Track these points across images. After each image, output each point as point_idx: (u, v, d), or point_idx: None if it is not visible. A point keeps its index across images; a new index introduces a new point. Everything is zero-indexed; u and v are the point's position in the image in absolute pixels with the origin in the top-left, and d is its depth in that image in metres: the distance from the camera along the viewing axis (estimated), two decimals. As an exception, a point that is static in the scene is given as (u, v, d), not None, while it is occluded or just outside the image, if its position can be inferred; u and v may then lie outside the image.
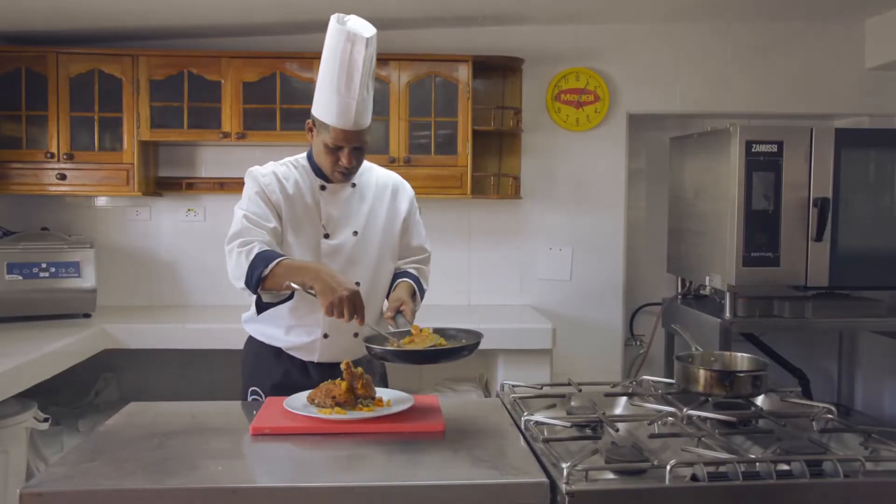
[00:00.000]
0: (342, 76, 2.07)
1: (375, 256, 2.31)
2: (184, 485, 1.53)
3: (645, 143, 4.48)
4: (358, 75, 2.06)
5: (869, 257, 3.58)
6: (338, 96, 2.09)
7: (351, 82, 2.07)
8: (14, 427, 3.07)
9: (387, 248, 2.34)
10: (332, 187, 2.27)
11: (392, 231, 2.35)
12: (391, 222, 2.35)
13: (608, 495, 1.52)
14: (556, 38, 4.19)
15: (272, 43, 4.07)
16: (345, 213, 2.28)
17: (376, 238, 2.31)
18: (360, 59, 2.06)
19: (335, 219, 2.26)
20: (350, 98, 2.08)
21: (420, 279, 2.38)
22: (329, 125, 2.13)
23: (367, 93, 2.11)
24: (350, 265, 2.26)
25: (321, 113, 2.15)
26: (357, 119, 2.11)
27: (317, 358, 2.31)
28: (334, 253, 2.25)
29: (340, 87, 2.08)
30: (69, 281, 3.71)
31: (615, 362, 4.28)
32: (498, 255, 4.28)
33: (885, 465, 1.63)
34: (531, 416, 1.86)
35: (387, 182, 2.38)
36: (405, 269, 2.40)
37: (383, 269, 2.34)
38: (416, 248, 2.44)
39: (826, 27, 4.22)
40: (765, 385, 2.02)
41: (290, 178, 2.25)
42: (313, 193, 2.26)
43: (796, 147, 3.50)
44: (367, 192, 2.32)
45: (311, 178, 2.27)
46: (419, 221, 2.44)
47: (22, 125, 3.79)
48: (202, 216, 4.19)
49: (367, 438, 1.81)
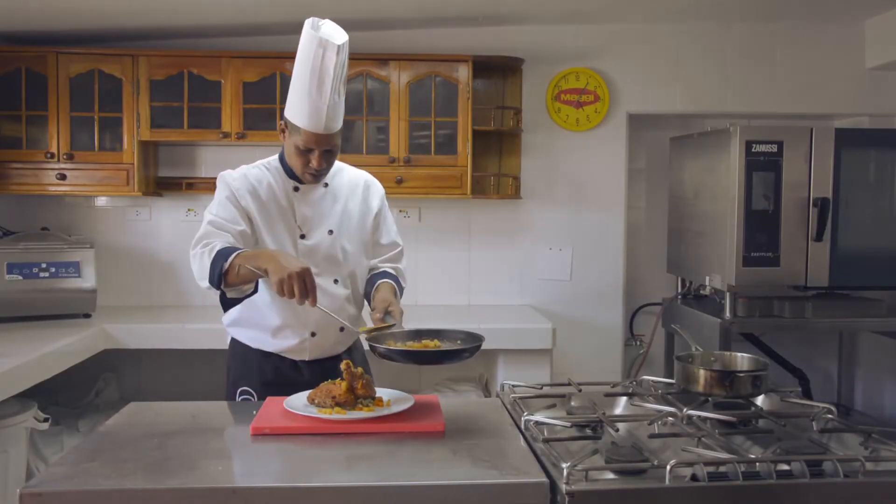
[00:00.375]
0: (314, 81, 2.09)
1: (352, 254, 2.34)
2: (184, 485, 1.53)
3: (645, 143, 4.48)
4: (329, 80, 2.09)
5: (869, 257, 3.58)
6: (309, 100, 2.11)
7: (322, 87, 2.09)
8: (14, 427, 3.07)
9: (362, 246, 2.38)
10: (304, 188, 2.30)
11: (365, 228, 2.39)
12: (364, 219, 2.38)
13: (608, 495, 1.52)
14: (556, 38, 4.19)
15: (272, 43, 4.07)
16: (319, 212, 2.30)
17: (351, 236, 2.35)
18: (332, 66, 2.08)
19: (310, 219, 2.29)
20: (321, 102, 2.11)
21: (399, 278, 2.42)
22: (300, 128, 2.15)
23: (338, 97, 2.14)
24: (327, 264, 2.29)
25: (293, 115, 2.17)
26: (328, 123, 2.14)
27: (307, 357, 2.33)
28: (311, 252, 2.28)
29: (312, 92, 2.10)
30: (69, 281, 3.71)
31: (615, 362, 4.28)
32: (498, 255, 4.28)
33: (885, 465, 1.63)
34: (531, 416, 1.86)
35: (358, 181, 2.41)
36: (383, 270, 2.43)
37: (360, 266, 2.37)
38: (389, 244, 2.46)
39: (826, 27, 4.22)
40: (765, 385, 2.02)
41: (263, 180, 2.28)
42: (287, 195, 2.29)
43: (796, 147, 3.50)
44: (339, 191, 2.35)
45: (284, 180, 2.30)
46: (389, 217, 2.48)
47: (22, 125, 3.79)
48: (202, 216, 4.18)
49: (367, 438, 1.81)
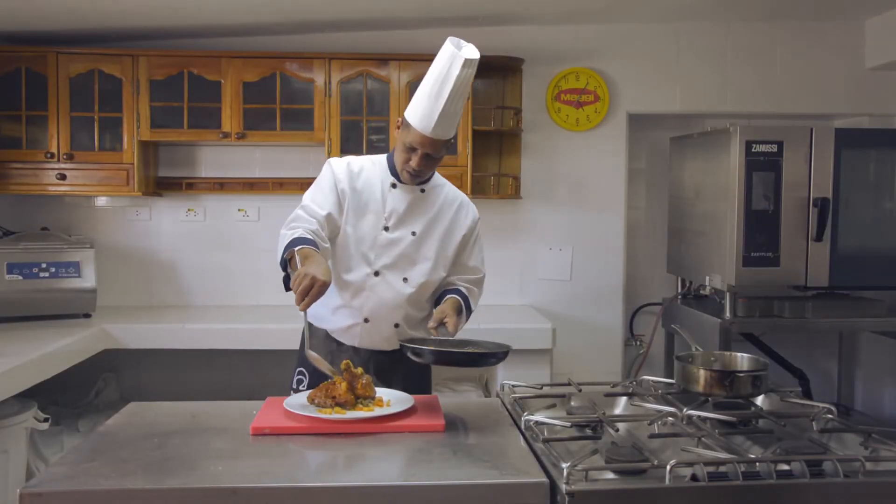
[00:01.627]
0: (436, 86, 2.21)
1: (428, 260, 2.38)
2: (184, 485, 1.53)
3: (645, 143, 4.48)
4: (449, 89, 2.19)
5: (869, 257, 3.58)
6: (427, 101, 2.22)
7: (441, 93, 2.20)
8: (14, 427, 3.07)
9: (441, 257, 2.41)
10: (402, 187, 2.37)
11: (450, 242, 2.42)
12: (450, 234, 2.42)
13: (608, 495, 1.52)
14: (556, 38, 4.19)
15: (272, 43, 4.07)
16: (408, 212, 2.37)
17: (433, 243, 2.39)
18: (455, 76, 2.18)
19: (398, 215, 2.36)
20: (437, 107, 2.20)
21: (469, 298, 2.45)
22: (412, 126, 2.25)
23: (452, 107, 2.21)
24: (402, 261, 2.35)
25: (410, 114, 2.28)
26: (437, 128, 2.22)
27: (357, 342, 2.38)
28: (390, 246, 2.34)
29: (432, 95, 2.21)
30: (69, 281, 3.71)
31: (615, 362, 4.28)
32: (498, 255, 4.27)
33: (885, 465, 1.64)
34: (531, 416, 1.86)
35: (455, 198, 2.48)
36: (457, 287, 2.46)
37: (434, 275, 2.40)
38: (472, 267, 2.50)
39: (826, 27, 4.22)
40: (765, 385, 2.02)
41: (363, 171, 2.39)
42: (383, 188, 2.37)
43: (796, 147, 3.50)
44: (434, 200, 2.42)
45: (385, 175, 2.39)
46: (480, 243, 2.53)
47: (22, 125, 3.79)
48: (202, 216, 4.20)
49: (367, 438, 1.81)
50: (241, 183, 4.15)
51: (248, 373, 3.95)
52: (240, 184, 4.15)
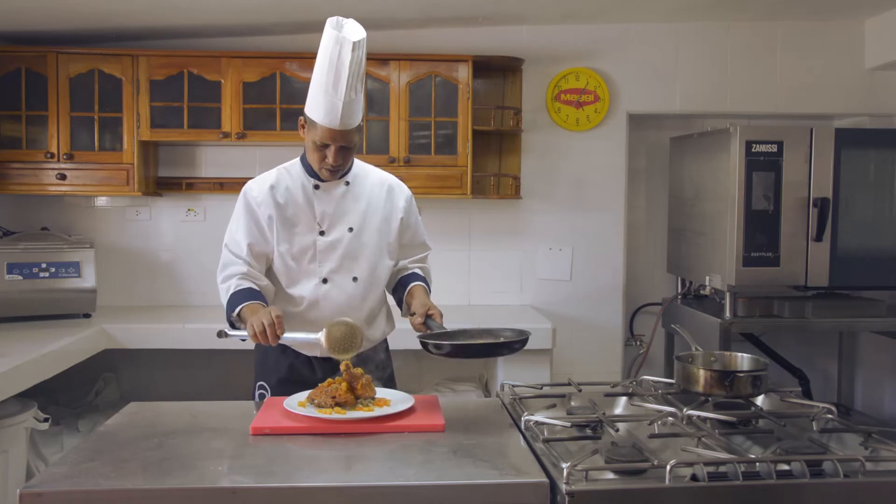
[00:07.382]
0: (330, 77, 2.13)
1: (372, 252, 2.34)
2: (184, 485, 1.53)
3: (645, 143, 4.48)
4: (345, 77, 2.12)
5: (869, 257, 3.59)
6: (325, 96, 2.15)
7: (338, 83, 2.13)
8: (14, 427, 3.07)
9: (384, 245, 2.37)
10: (325, 186, 2.31)
11: (388, 229, 2.38)
12: (387, 220, 2.38)
13: (608, 495, 1.52)
14: (556, 38, 4.19)
15: (272, 43, 4.07)
16: (339, 210, 2.32)
17: (372, 234, 2.35)
18: (348, 62, 2.11)
19: (329, 216, 2.31)
20: (337, 98, 2.14)
21: (427, 279, 2.44)
22: (317, 123, 2.18)
23: (354, 94, 2.16)
24: (347, 260, 2.31)
25: (311, 111, 2.21)
26: (343, 119, 2.16)
27: (319, 353, 2.34)
28: (330, 249, 2.30)
29: (328, 88, 2.14)
30: (69, 281, 3.71)
31: (615, 362, 4.27)
32: (498, 255, 4.28)
33: (885, 465, 1.64)
34: (531, 416, 1.87)
35: (382, 182, 2.42)
36: (413, 271, 2.44)
37: (381, 265, 2.37)
38: (419, 245, 2.48)
39: (826, 27, 4.22)
40: (765, 385, 2.02)
41: (281, 184, 2.32)
42: (306, 193, 2.31)
43: (796, 147, 3.50)
44: (361, 190, 2.36)
45: (305, 179, 2.32)
46: (419, 220, 2.48)
47: (22, 125, 3.78)
48: (202, 216, 4.19)
49: (367, 438, 1.81)
50: (241, 183, 4.05)
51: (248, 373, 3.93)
52: (240, 184, 4.05)
